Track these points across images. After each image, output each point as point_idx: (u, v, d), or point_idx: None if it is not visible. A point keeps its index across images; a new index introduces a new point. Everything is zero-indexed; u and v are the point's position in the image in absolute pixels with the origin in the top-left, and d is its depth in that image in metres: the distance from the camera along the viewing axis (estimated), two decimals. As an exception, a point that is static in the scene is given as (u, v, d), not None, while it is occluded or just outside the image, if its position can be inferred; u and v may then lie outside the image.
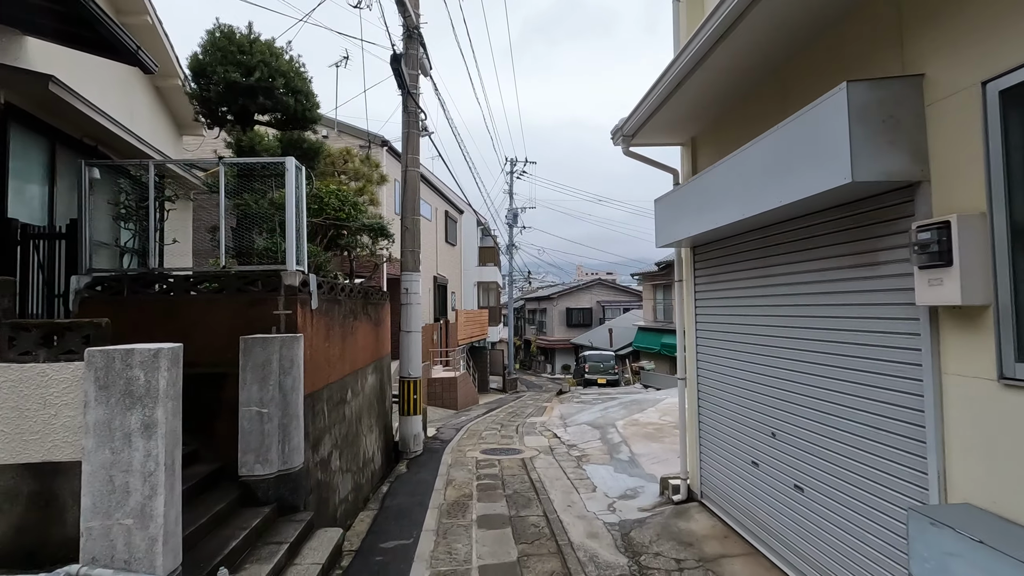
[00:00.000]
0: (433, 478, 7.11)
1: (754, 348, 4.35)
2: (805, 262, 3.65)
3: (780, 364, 3.96)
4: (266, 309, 4.74)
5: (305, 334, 4.90)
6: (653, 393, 15.28)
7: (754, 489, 4.33)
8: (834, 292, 3.36)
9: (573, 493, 6.34)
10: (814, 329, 3.57)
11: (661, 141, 5.59)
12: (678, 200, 4.99)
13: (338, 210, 7.70)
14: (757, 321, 4.32)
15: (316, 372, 5.22)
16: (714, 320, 5.11)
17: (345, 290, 6.34)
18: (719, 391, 5.00)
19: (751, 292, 4.43)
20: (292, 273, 4.80)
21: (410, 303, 8.82)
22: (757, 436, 4.28)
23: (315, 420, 5.16)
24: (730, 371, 4.78)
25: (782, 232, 3.90)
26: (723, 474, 4.91)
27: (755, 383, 4.33)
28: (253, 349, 4.39)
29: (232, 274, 4.79)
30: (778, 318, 4.01)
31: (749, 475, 4.41)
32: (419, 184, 9.22)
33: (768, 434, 4.10)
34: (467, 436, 10.28)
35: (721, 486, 4.97)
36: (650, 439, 8.92)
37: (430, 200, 19.23)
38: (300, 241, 5.11)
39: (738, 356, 4.62)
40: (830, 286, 3.40)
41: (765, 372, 4.17)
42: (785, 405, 3.88)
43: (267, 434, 4.38)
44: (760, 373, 4.25)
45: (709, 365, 5.19)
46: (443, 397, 16.37)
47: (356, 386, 6.81)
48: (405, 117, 9.11)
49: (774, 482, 4.03)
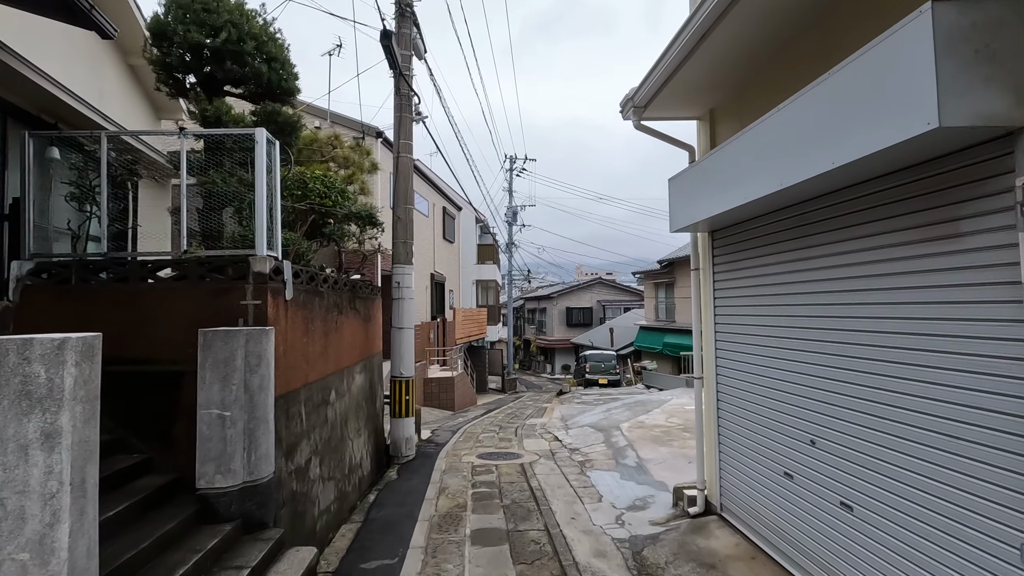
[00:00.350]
0: (425, 486, 6.56)
1: (787, 343, 3.80)
2: (857, 239, 3.10)
3: (821, 361, 3.41)
4: (233, 299, 4.20)
5: (278, 328, 4.35)
6: (657, 394, 14.74)
7: (787, 504, 3.78)
8: (896, 274, 2.81)
9: (577, 503, 5.79)
10: (867, 319, 3.03)
11: (675, 114, 5.05)
12: (696, 177, 4.45)
13: (323, 196, 7.17)
14: (791, 312, 3.77)
15: (292, 370, 4.68)
16: (736, 312, 4.56)
17: (328, 281, 5.79)
18: (742, 392, 4.45)
19: (783, 279, 3.88)
20: (262, 259, 4.25)
21: (402, 298, 8.27)
22: (791, 443, 3.73)
23: (290, 424, 4.62)
24: (756, 369, 4.23)
25: (826, 206, 3.35)
26: (747, 485, 4.36)
27: (788, 383, 3.78)
28: (213, 344, 3.84)
29: (194, 260, 4.24)
30: (818, 307, 3.46)
31: (781, 488, 3.86)
32: (412, 172, 8.67)
33: (805, 442, 3.55)
34: (463, 439, 9.73)
35: (745, 499, 4.42)
36: (657, 443, 8.37)
37: (427, 196, 18.69)
38: (273, 224, 4.56)
39: (766, 352, 4.07)
40: (890, 266, 2.85)
41: (801, 370, 3.62)
42: (828, 409, 3.33)
43: (230, 440, 3.82)
44: (795, 371, 3.70)
45: (730, 363, 4.65)
46: (439, 398, 15.81)
47: (341, 386, 6.26)
48: (397, 100, 8.56)
49: (813, 497, 3.48)
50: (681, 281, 24.62)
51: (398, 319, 8.24)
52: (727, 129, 4.69)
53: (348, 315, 6.60)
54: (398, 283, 8.23)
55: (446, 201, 21.68)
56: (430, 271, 18.38)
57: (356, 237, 7.27)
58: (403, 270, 8.25)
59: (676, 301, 25.05)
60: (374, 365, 8.04)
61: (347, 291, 6.59)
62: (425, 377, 16.01)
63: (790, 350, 3.77)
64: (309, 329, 5.15)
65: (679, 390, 14.35)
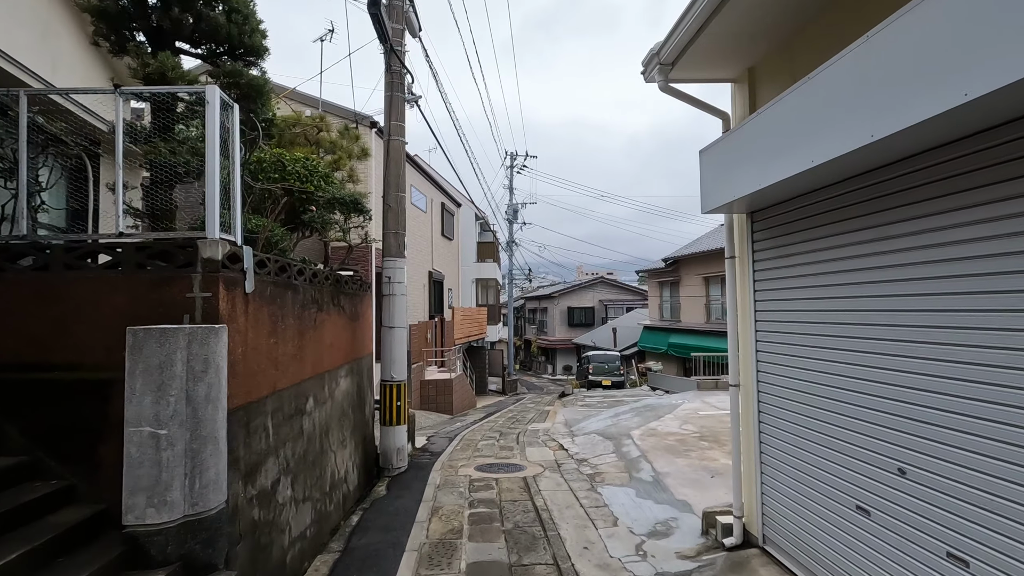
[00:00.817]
0: (416, 505, 5.82)
1: (863, 344, 3.05)
2: (971, 208, 2.36)
3: (916, 368, 2.67)
4: (177, 292, 3.46)
5: (234, 326, 3.61)
6: (667, 397, 13.99)
7: (861, 547, 3.04)
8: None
9: (589, 528, 5.04)
10: (989, 313, 2.29)
11: (707, 75, 4.31)
12: (736, 146, 3.71)
13: (304, 180, 6.44)
14: (864, 306, 3.03)
15: (255, 376, 3.94)
16: (784, 308, 3.82)
17: (304, 273, 5.05)
18: (792, 403, 3.71)
19: (850, 265, 3.14)
20: (214, 243, 3.50)
21: (393, 294, 7.52)
22: (866, 470, 2.99)
23: (251, 440, 3.87)
24: (812, 376, 3.49)
25: (919, 169, 2.61)
26: (800, 515, 3.62)
27: (864, 394, 3.04)
28: (145, 345, 3.10)
29: (130, 244, 3.50)
30: (906, 298, 2.72)
31: (852, 524, 3.12)
32: (404, 156, 7.93)
33: (890, 470, 2.80)
34: (461, 447, 8.98)
35: (797, 531, 3.67)
36: (673, 453, 7.63)
37: (426, 191, 17.96)
38: (231, 203, 3.83)
39: (830, 356, 3.33)
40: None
41: (885, 379, 2.88)
42: (927, 430, 2.59)
43: (166, 465, 3.08)
44: (874, 381, 2.96)
45: (775, 367, 3.90)
46: (437, 401, 15.07)
47: (321, 393, 5.52)
48: (388, 78, 7.82)
49: (903, 542, 2.74)
50: (687, 280, 23.87)
51: (389, 317, 7.50)
52: (770, 91, 3.94)
53: (331, 312, 5.86)
54: (388, 278, 7.48)
55: (445, 197, 20.94)
56: (428, 269, 17.64)
57: (340, 226, 6.53)
58: (394, 263, 7.51)
59: (682, 300, 24.32)
60: (363, 368, 7.30)
61: (329, 285, 5.85)
62: (422, 379, 15.26)
63: (864, 352, 3.03)
64: (278, 328, 4.41)
65: (690, 393, 13.60)
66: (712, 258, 21.71)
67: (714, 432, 8.80)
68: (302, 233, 6.85)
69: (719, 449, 7.71)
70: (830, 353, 3.31)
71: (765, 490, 4.02)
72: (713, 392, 13.36)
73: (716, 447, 7.87)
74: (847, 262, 3.17)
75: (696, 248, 23.73)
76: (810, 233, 3.51)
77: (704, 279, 22.45)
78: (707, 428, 9.15)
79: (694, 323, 22.63)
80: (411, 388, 14.09)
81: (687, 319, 23.49)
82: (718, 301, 21.63)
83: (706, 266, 22.19)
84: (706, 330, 21.12)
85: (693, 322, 22.81)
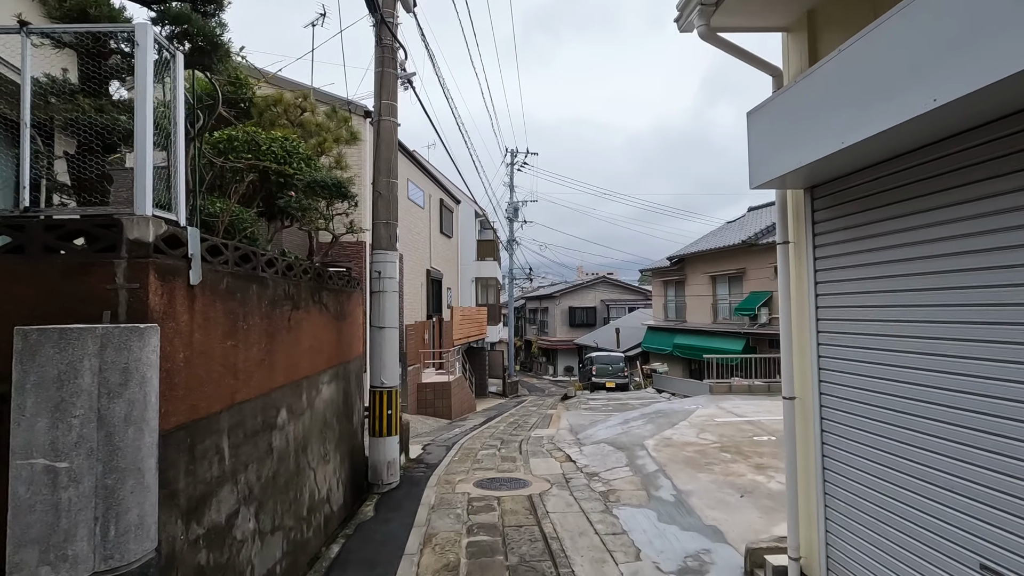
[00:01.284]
0: (406, 531, 5.08)
1: (975, 350, 2.32)
2: None
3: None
4: (96, 282, 2.73)
5: (172, 325, 2.88)
6: (678, 402, 13.24)
7: (983, 617, 2.31)
8: None
9: (608, 563, 4.31)
10: None
11: (755, 22, 3.58)
12: (791, 107, 2.97)
13: (282, 162, 5.71)
14: (980, 299, 2.29)
15: (203, 388, 3.21)
16: (857, 304, 3.08)
17: (276, 265, 4.31)
18: (869, 421, 2.97)
19: (956, 247, 2.41)
20: (143, 221, 2.76)
21: (384, 290, 6.78)
22: (991, 516, 2.26)
23: (196, 467, 3.14)
24: (899, 389, 2.75)
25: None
26: (885, 565, 2.88)
27: (982, 414, 2.30)
28: (40, 351, 2.36)
29: (37, 223, 2.76)
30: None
31: (963, 585, 2.38)
32: (396, 139, 7.20)
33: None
34: (459, 458, 8.24)
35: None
36: (694, 467, 6.89)
37: (424, 186, 17.22)
38: (173, 174, 3.10)
39: (923, 364, 2.59)
40: None
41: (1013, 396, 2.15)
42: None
43: (66, 508, 2.34)
44: (998, 397, 2.22)
45: (845, 376, 3.16)
46: (435, 405, 14.33)
47: (298, 402, 4.79)
48: (379, 52, 7.09)
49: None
50: (693, 278, 23.16)
51: (379, 316, 6.76)
52: (837, 37, 3.21)
53: (309, 311, 5.13)
54: (379, 272, 6.74)
55: (444, 193, 20.20)
56: (426, 267, 16.89)
57: (322, 212, 5.80)
58: (385, 256, 6.77)
59: (687, 299, 23.60)
60: (350, 372, 6.56)
61: (309, 280, 5.12)
62: (419, 382, 14.53)
63: (979, 360, 2.30)
64: (239, 328, 3.68)
65: (703, 398, 12.85)
66: (720, 256, 21.00)
67: (735, 442, 8.07)
68: (281, 222, 6.12)
69: (744, 462, 6.97)
70: (919, 358, 2.56)
71: (830, 527, 3.28)
72: (727, 397, 12.62)
73: (740, 460, 7.13)
74: (950, 242, 2.43)
75: (703, 246, 23.02)
76: (897, 208, 2.77)
77: (711, 278, 21.73)
78: (727, 437, 8.42)
79: (700, 323, 21.91)
80: (407, 392, 13.34)
81: (693, 319, 22.77)
82: (725, 301, 20.91)
83: (713, 264, 21.48)
84: (713, 330, 20.40)
85: (699, 322, 22.08)
